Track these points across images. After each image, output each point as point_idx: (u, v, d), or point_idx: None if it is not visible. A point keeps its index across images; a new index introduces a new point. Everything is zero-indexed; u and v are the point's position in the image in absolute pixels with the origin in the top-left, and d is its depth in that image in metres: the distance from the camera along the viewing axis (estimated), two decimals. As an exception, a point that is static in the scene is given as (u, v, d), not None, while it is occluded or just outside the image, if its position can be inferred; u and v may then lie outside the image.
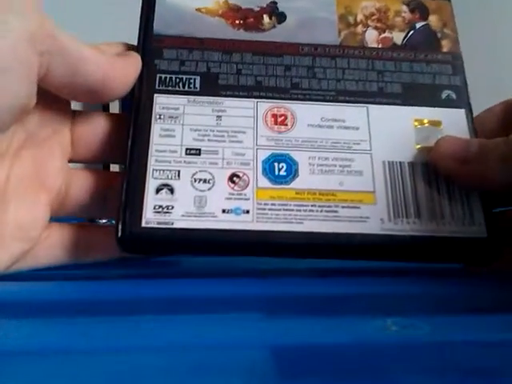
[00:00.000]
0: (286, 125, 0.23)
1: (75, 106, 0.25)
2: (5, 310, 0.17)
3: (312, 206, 0.21)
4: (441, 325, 0.15)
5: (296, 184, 0.22)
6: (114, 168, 0.55)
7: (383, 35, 0.25)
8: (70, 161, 0.24)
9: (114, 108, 0.65)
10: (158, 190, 0.21)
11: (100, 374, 0.12)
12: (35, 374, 0.12)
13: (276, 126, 0.23)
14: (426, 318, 0.16)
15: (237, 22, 0.25)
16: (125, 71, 0.22)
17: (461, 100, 0.24)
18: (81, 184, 0.23)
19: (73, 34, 0.21)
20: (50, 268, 0.22)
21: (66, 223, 0.23)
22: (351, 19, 0.26)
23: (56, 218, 0.23)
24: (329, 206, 0.21)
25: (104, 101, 0.23)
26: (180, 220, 0.21)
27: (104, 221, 0.35)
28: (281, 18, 0.25)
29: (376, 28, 0.25)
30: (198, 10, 0.25)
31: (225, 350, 0.14)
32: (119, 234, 0.20)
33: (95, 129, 0.23)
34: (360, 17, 0.26)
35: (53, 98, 0.23)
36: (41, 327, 0.15)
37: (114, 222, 0.21)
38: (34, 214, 0.21)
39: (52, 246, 0.22)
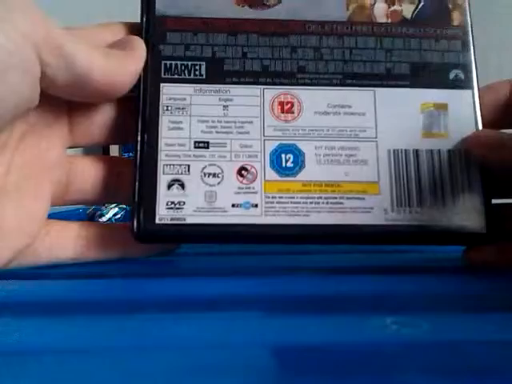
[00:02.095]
0: (293, 113, 0.23)
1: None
2: (5, 309, 0.16)
3: (318, 198, 0.22)
4: (440, 323, 0.15)
5: (302, 176, 0.22)
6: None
7: (392, 8, 0.24)
8: (70, 147, 0.23)
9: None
10: (169, 186, 0.22)
11: (100, 373, 0.12)
12: (35, 374, 0.12)
13: (283, 115, 0.23)
14: (425, 316, 0.16)
15: (241, -2, 0.24)
16: (131, 70, 0.22)
17: (468, 80, 0.24)
18: (83, 171, 0.23)
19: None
20: (50, 266, 0.22)
21: (66, 221, 0.23)
22: (360, -9, 0.24)
23: (56, 215, 0.23)
24: (334, 198, 0.22)
25: (110, 100, 0.23)
26: (192, 216, 0.21)
27: (104, 220, 0.36)
28: (286, -8, 0.24)
29: (385, 1, 0.25)
30: (201, -15, 0.24)
31: (225, 350, 0.14)
32: (135, 231, 0.21)
33: (92, 113, 0.23)
34: (369, -12, 0.25)
35: None
36: (41, 327, 0.15)
37: (114, 221, 0.22)
38: (34, 208, 0.21)
39: (52, 243, 0.22)
